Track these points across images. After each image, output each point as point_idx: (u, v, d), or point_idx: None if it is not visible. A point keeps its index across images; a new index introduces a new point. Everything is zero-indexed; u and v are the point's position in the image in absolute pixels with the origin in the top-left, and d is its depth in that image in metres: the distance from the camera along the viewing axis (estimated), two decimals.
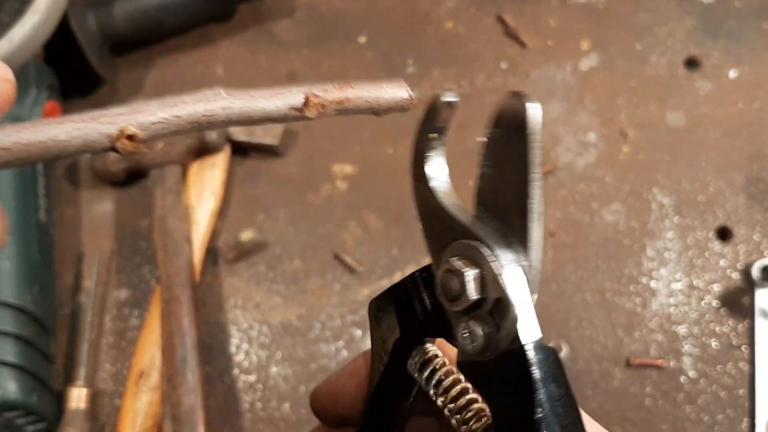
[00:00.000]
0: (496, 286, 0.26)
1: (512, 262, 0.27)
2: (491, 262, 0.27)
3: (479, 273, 0.27)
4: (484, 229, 0.28)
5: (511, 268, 0.27)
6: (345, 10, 0.96)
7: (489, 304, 0.27)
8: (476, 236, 0.28)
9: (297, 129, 0.88)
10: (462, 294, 0.27)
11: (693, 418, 0.74)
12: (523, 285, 0.26)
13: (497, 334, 0.26)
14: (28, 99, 0.83)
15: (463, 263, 0.27)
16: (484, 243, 0.27)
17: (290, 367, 0.78)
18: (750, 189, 0.82)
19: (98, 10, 0.89)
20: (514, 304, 0.26)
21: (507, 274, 0.26)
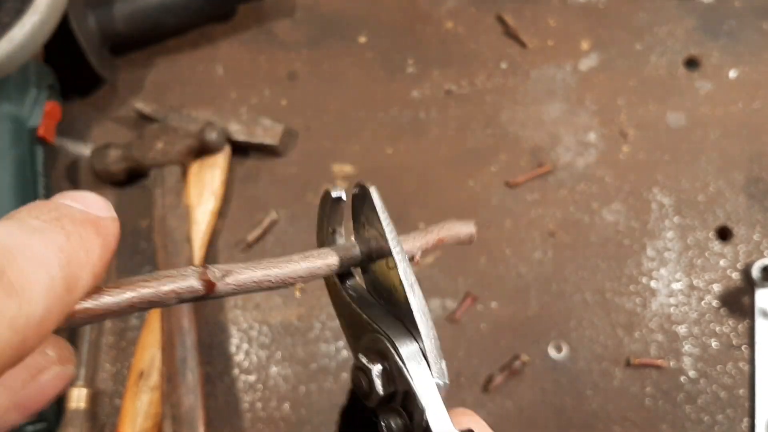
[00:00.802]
0: (401, 379, 0.27)
1: (414, 353, 0.27)
2: (394, 355, 0.27)
3: (384, 368, 0.27)
4: (388, 320, 0.28)
5: (413, 359, 0.27)
6: (345, 10, 0.96)
7: (400, 396, 0.27)
8: (378, 329, 0.28)
9: (297, 129, 0.88)
10: (371, 390, 0.27)
11: (693, 418, 0.74)
12: (427, 374, 0.27)
13: (411, 425, 0.27)
14: (28, 99, 0.83)
15: (369, 359, 0.28)
16: (386, 336, 0.28)
17: (290, 367, 0.78)
18: (750, 189, 0.82)
19: (98, 10, 0.89)
20: (419, 397, 0.26)
21: (410, 366, 0.27)
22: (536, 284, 0.79)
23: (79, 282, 0.22)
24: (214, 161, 0.84)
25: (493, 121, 0.87)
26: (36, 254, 0.20)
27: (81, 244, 0.22)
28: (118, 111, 0.92)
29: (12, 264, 0.19)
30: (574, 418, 0.74)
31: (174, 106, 0.89)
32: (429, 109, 0.89)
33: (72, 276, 0.21)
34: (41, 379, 0.23)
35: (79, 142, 0.91)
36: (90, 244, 0.22)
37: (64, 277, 0.21)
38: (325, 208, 0.32)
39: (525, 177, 0.84)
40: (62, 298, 0.21)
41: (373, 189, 0.28)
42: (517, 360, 0.75)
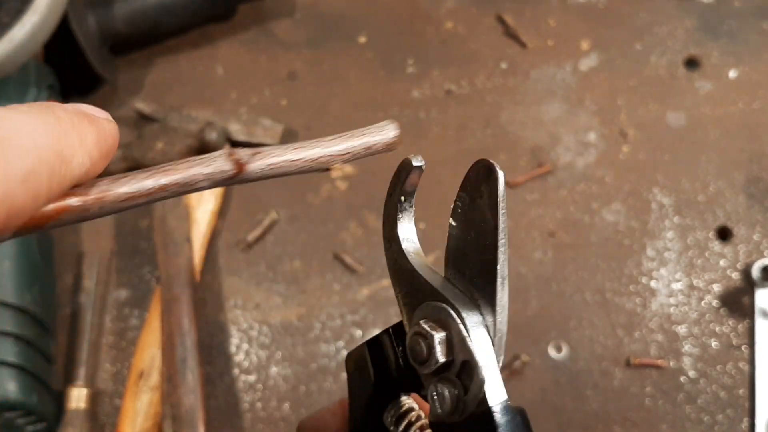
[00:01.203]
0: (463, 348, 0.27)
1: (479, 324, 0.27)
2: (458, 324, 0.27)
3: (446, 336, 0.27)
4: (453, 292, 0.29)
5: (478, 330, 0.27)
6: (345, 10, 0.96)
7: (457, 367, 0.27)
8: (444, 298, 0.28)
9: (297, 129, 0.88)
10: (430, 357, 0.28)
11: (693, 418, 0.74)
12: (489, 347, 0.27)
13: (465, 396, 0.27)
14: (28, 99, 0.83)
15: (431, 326, 0.28)
16: (451, 305, 0.28)
17: (290, 367, 0.78)
18: (750, 189, 0.82)
19: (98, 10, 0.89)
20: (480, 367, 0.26)
21: (474, 337, 0.27)
22: (536, 284, 0.79)
23: (74, 158, 0.22)
24: None
25: (493, 121, 0.87)
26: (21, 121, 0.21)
27: (72, 126, 0.23)
28: (118, 111, 0.92)
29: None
30: (574, 418, 0.74)
31: (174, 106, 0.89)
32: (429, 109, 0.89)
33: (63, 150, 0.22)
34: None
35: None
36: (83, 130, 0.23)
37: (52, 146, 0.21)
38: (401, 176, 0.32)
39: (525, 177, 0.84)
40: (52, 165, 0.21)
41: (501, 172, 0.27)
42: (517, 360, 0.75)
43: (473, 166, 0.29)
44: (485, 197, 0.28)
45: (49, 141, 0.21)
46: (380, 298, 0.79)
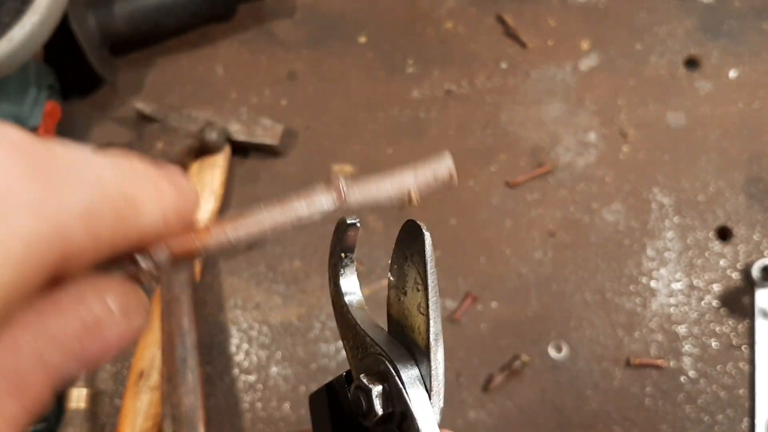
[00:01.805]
0: (400, 401, 0.28)
1: (414, 378, 0.28)
2: (395, 378, 0.28)
3: (384, 389, 0.29)
4: (391, 345, 0.30)
5: (414, 383, 0.28)
6: (345, 10, 0.96)
7: (397, 418, 0.28)
8: (382, 352, 0.29)
9: (297, 129, 0.88)
10: (370, 410, 0.29)
11: (693, 418, 0.74)
12: (425, 399, 0.28)
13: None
14: (28, 99, 0.83)
15: (369, 380, 0.29)
16: (388, 359, 0.29)
17: (290, 367, 0.78)
18: (750, 189, 0.82)
19: (98, 10, 0.89)
20: (417, 419, 0.27)
21: (410, 390, 0.28)
22: (536, 284, 0.79)
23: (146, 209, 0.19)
24: (214, 161, 0.84)
25: (493, 121, 0.87)
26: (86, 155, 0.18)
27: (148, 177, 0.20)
28: (118, 111, 0.92)
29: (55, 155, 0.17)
30: (574, 418, 0.74)
31: (174, 106, 0.89)
32: (429, 109, 0.89)
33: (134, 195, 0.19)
34: (99, 334, 0.19)
35: (79, 142, 0.91)
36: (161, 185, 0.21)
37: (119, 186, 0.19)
38: (339, 234, 0.33)
39: (525, 177, 0.84)
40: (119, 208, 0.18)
41: (427, 233, 0.29)
42: (517, 360, 0.75)
43: (403, 227, 0.30)
44: (415, 257, 0.29)
45: (116, 180, 0.19)
46: (380, 298, 0.79)
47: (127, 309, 0.20)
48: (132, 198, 0.19)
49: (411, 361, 0.29)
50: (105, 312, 0.19)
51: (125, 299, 0.20)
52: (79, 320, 0.18)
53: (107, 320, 0.19)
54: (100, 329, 0.19)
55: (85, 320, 0.19)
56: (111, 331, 0.20)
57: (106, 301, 0.19)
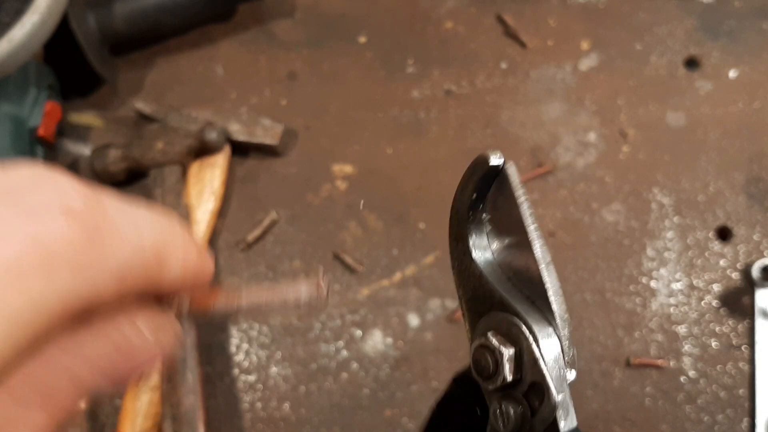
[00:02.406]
0: (535, 369, 0.25)
1: (553, 344, 0.26)
2: (530, 343, 0.25)
3: (516, 352, 0.26)
4: (523, 304, 0.27)
5: (552, 351, 0.26)
6: (345, 10, 0.96)
7: (525, 386, 0.26)
8: (514, 311, 0.26)
9: (297, 129, 0.88)
10: (497, 373, 0.26)
11: (693, 418, 0.74)
12: (563, 369, 0.26)
13: (532, 418, 0.25)
14: (28, 99, 0.83)
15: (499, 340, 0.26)
16: (523, 320, 0.26)
17: (290, 367, 0.78)
18: (750, 189, 0.82)
19: (98, 10, 0.89)
20: (553, 390, 0.25)
21: (547, 358, 0.25)
22: None
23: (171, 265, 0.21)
24: (214, 161, 0.84)
25: (493, 121, 0.87)
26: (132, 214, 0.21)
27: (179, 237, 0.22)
28: (118, 111, 0.92)
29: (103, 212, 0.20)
30: None
31: (174, 106, 0.89)
32: (429, 109, 0.89)
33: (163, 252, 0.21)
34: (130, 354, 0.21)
35: (79, 142, 0.91)
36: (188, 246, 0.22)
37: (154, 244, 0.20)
38: (476, 171, 0.29)
39: (525, 177, 0.84)
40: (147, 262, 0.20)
41: (512, 166, 0.26)
42: None
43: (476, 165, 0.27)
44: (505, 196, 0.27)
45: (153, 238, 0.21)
46: (380, 298, 0.79)
47: (156, 331, 0.22)
48: (162, 257, 0.21)
49: (546, 324, 0.26)
50: (135, 334, 0.21)
51: (154, 323, 0.22)
52: (111, 341, 0.20)
53: (137, 342, 0.21)
54: (131, 350, 0.21)
55: (117, 341, 0.20)
56: (141, 352, 0.21)
57: (136, 324, 0.21)
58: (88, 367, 0.20)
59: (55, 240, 0.18)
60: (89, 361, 0.20)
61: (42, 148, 0.85)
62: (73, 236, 0.18)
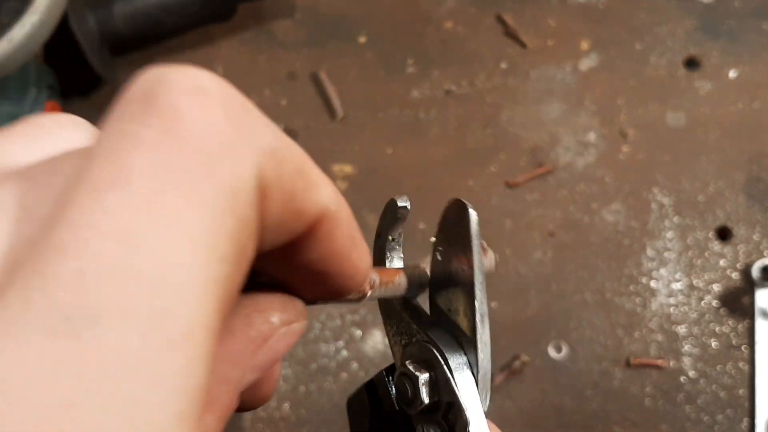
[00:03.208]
0: (447, 389, 0.27)
1: (462, 365, 0.27)
2: (442, 365, 0.27)
3: (430, 377, 0.28)
4: (437, 331, 0.29)
5: (462, 371, 0.27)
6: (345, 10, 0.96)
7: (443, 408, 0.27)
8: (428, 338, 0.28)
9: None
10: (415, 398, 0.28)
11: (693, 418, 0.74)
12: (473, 388, 0.27)
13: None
14: (27, 99, 0.83)
15: (415, 367, 0.28)
16: (435, 345, 0.28)
17: (290, 367, 0.78)
18: (750, 189, 0.82)
19: (98, 10, 0.89)
20: (465, 408, 0.26)
21: (458, 377, 0.27)
22: (536, 284, 0.79)
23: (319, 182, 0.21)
24: None
25: (493, 121, 0.87)
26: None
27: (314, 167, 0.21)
28: None
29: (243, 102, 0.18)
30: (574, 418, 0.74)
31: None
32: (429, 109, 0.89)
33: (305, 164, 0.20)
34: (268, 347, 0.22)
35: None
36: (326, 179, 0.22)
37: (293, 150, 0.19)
38: (387, 216, 0.32)
39: (525, 177, 0.84)
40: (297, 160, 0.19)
41: (473, 212, 0.28)
42: (517, 360, 0.75)
43: (447, 207, 0.29)
44: (459, 237, 0.28)
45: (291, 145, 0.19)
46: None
47: (288, 321, 0.23)
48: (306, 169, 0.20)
49: (459, 349, 0.28)
50: (270, 329, 0.22)
51: (287, 313, 0.24)
52: (251, 340, 0.22)
53: (272, 335, 0.23)
54: (268, 343, 0.22)
55: (255, 339, 0.22)
56: (277, 343, 0.23)
57: (270, 319, 0.22)
58: (235, 367, 0.21)
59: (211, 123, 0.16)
60: (235, 362, 0.21)
61: None
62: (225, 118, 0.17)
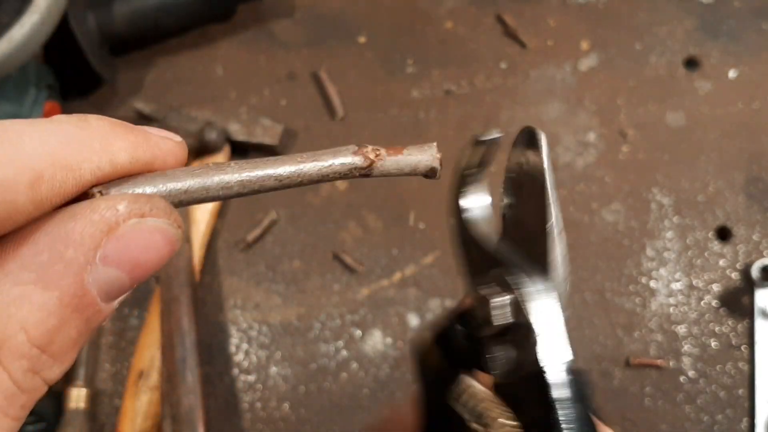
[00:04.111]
0: (523, 311, 0.27)
1: (539, 288, 0.28)
2: (518, 288, 0.28)
3: (507, 300, 0.28)
4: (513, 257, 0.29)
5: (538, 294, 0.28)
6: (345, 10, 0.96)
7: (520, 329, 0.28)
8: (505, 264, 0.29)
9: (297, 129, 0.88)
10: (491, 319, 0.28)
11: (693, 418, 0.74)
12: (550, 310, 0.27)
13: (524, 358, 0.27)
14: (27, 99, 0.83)
15: (492, 291, 0.28)
16: (510, 270, 0.28)
17: (290, 367, 0.78)
18: (750, 189, 0.82)
19: (98, 10, 0.89)
20: (535, 330, 0.27)
21: (533, 300, 0.27)
22: None
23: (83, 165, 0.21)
24: (214, 161, 0.84)
25: (493, 121, 0.87)
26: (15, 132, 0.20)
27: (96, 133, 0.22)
28: (118, 111, 0.92)
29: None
30: None
31: (174, 106, 0.89)
32: (429, 109, 0.89)
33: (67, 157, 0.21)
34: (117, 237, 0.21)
35: None
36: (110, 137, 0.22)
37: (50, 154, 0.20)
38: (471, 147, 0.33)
39: None
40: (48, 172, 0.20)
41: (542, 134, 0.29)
42: None
43: (518, 135, 0.30)
44: (531, 161, 0.29)
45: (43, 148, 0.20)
46: (380, 297, 0.80)
47: (139, 212, 0.21)
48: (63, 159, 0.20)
49: (533, 272, 0.28)
50: (115, 216, 0.21)
51: (138, 204, 0.22)
52: (92, 223, 0.20)
53: (119, 223, 0.21)
54: (116, 232, 0.21)
55: (98, 223, 0.20)
56: (129, 234, 0.21)
57: (116, 207, 0.21)
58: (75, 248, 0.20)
59: None
60: (74, 241, 0.20)
61: None
62: None
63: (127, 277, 0.21)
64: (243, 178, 0.27)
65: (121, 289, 0.21)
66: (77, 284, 0.20)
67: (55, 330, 0.19)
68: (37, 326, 0.19)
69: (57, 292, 0.20)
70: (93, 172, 0.21)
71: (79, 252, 0.20)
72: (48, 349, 0.19)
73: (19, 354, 0.19)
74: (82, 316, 0.20)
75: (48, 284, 0.19)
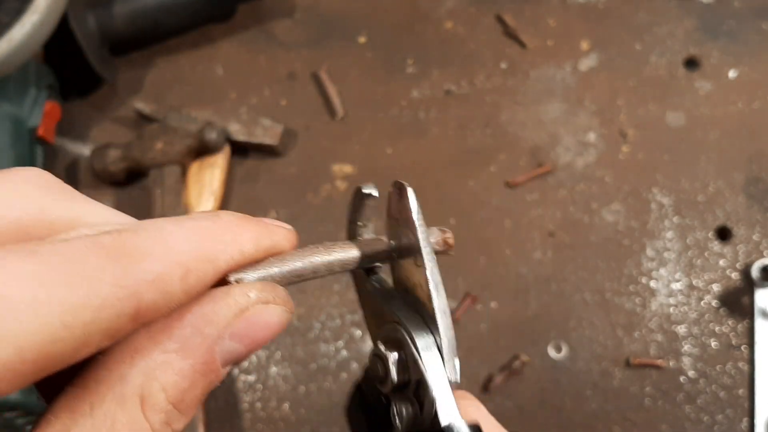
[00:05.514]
0: (416, 368, 0.28)
1: (430, 344, 0.28)
2: (410, 345, 0.28)
3: (399, 356, 0.29)
4: (406, 312, 0.30)
5: (428, 350, 0.28)
6: (345, 10, 0.96)
7: (413, 385, 0.28)
8: (398, 319, 0.29)
9: (297, 129, 0.88)
10: (386, 377, 0.29)
11: (693, 418, 0.74)
12: (439, 365, 0.28)
13: (421, 415, 0.28)
14: (27, 99, 0.83)
15: (386, 347, 0.29)
16: (403, 326, 0.29)
17: (290, 367, 0.78)
18: (750, 189, 0.82)
19: (98, 10, 0.89)
20: (431, 386, 0.27)
21: (424, 356, 0.28)
22: (536, 284, 0.79)
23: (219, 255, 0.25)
24: (214, 161, 0.84)
25: (493, 121, 0.87)
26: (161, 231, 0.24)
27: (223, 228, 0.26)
28: (117, 111, 0.92)
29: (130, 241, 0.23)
30: (574, 418, 0.74)
31: (174, 106, 0.89)
32: (429, 109, 0.89)
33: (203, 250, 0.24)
34: (246, 319, 0.25)
35: (78, 142, 0.91)
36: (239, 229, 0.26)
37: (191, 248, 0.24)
38: (355, 203, 0.34)
39: (525, 177, 0.84)
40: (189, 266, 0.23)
41: (410, 189, 0.30)
42: (517, 360, 0.75)
43: (390, 191, 0.31)
44: (403, 216, 0.30)
45: (186, 244, 0.24)
46: None
47: (266, 300, 0.26)
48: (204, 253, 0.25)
49: (426, 330, 0.29)
50: (247, 301, 0.25)
51: (265, 292, 0.26)
52: (227, 306, 0.24)
53: (249, 307, 0.25)
54: (246, 314, 0.25)
55: (232, 306, 0.25)
56: (256, 316, 0.25)
57: (248, 293, 0.25)
58: (210, 325, 0.24)
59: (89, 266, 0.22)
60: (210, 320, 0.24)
61: (41, 148, 0.85)
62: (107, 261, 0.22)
63: (245, 350, 0.25)
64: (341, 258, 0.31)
65: (238, 358, 0.25)
66: (209, 354, 0.24)
67: (186, 390, 0.23)
68: (174, 387, 0.23)
69: (192, 360, 0.24)
70: (227, 262, 0.25)
71: (214, 329, 0.24)
72: (179, 406, 0.23)
73: (159, 409, 0.23)
74: (206, 379, 0.24)
75: (186, 353, 0.24)
